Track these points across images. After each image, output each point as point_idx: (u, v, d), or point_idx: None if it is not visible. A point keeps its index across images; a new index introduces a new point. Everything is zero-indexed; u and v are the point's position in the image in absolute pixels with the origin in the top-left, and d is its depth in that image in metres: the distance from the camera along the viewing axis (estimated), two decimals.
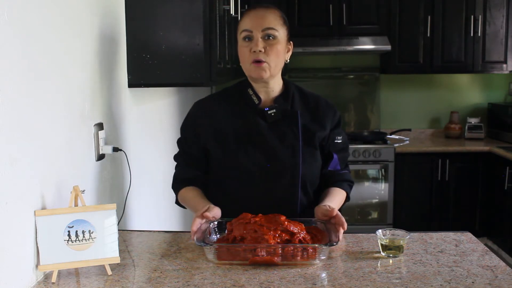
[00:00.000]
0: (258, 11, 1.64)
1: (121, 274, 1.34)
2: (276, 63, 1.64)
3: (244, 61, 1.65)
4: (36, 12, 1.36)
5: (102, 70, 1.84)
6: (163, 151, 2.76)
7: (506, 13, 4.31)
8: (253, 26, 1.61)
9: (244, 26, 1.64)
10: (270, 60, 1.62)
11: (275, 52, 1.62)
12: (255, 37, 1.61)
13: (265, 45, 1.61)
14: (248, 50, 1.62)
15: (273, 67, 1.64)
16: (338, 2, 4.29)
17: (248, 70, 1.66)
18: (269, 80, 1.67)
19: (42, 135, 1.38)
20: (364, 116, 4.79)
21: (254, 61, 1.61)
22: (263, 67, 1.62)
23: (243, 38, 1.64)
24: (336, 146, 1.75)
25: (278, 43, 1.63)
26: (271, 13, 1.64)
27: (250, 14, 1.64)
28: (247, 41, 1.63)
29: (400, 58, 4.39)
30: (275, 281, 1.27)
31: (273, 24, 1.62)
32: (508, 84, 4.73)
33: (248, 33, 1.62)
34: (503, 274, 1.31)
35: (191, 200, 1.68)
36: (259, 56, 1.61)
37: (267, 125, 1.66)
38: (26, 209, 1.29)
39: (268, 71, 1.63)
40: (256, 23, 1.61)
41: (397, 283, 1.26)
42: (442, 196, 4.28)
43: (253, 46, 1.61)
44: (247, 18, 1.64)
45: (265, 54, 1.61)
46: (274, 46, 1.62)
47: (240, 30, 1.65)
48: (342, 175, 1.76)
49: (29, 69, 1.32)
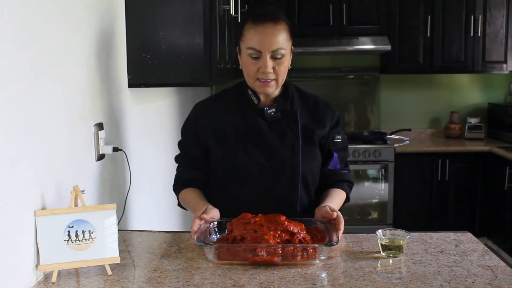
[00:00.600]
0: (266, 29, 1.55)
1: (121, 274, 1.34)
2: (283, 77, 1.63)
3: (249, 75, 1.62)
4: (36, 12, 1.36)
5: (102, 70, 1.84)
6: (163, 151, 2.76)
7: (506, 13, 4.31)
8: (262, 47, 1.56)
9: (251, 43, 1.57)
10: (278, 77, 1.61)
11: (283, 70, 1.61)
12: (263, 57, 1.57)
13: (273, 65, 1.58)
14: (255, 68, 1.59)
15: (280, 82, 1.63)
16: (338, 2, 4.29)
17: (253, 85, 1.64)
18: None
19: (42, 135, 1.38)
20: (364, 116, 4.79)
21: (262, 79, 1.60)
22: (270, 85, 1.61)
23: (249, 55, 1.58)
24: (335, 145, 1.75)
25: (286, 60, 1.60)
26: (280, 30, 1.57)
27: (258, 31, 1.56)
28: (254, 59, 1.58)
29: (400, 58, 4.39)
30: (275, 281, 1.27)
31: (281, 43, 1.57)
32: (508, 84, 4.73)
33: (257, 53, 1.57)
34: (503, 274, 1.31)
35: (191, 201, 1.68)
36: (267, 76, 1.59)
37: (267, 125, 1.67)
38: (26, 209, 1.29)
39: (274, 87, 1.63)
40: (265, 44, 1.55)
41: (397, 283, 1.26)
42: (442, 196, 4.28)
43: (261, 67, 1.57)
44: (255, 35, 1.56)
45: (273, 73, 1.59)
46: (282, 64, 1.59)
47: (247, 45, 1.58)
48: (342, 175, 1.76)
49: (29, 69, 1.32)
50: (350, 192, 1.77)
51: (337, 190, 1.72)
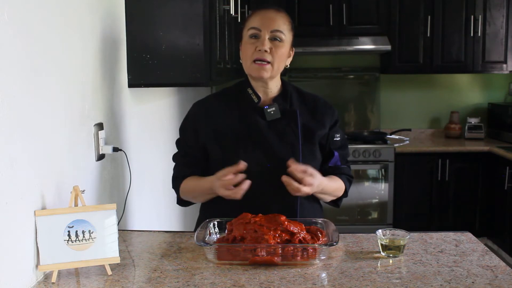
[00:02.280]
0: (269, 12, 1.66)
1: (121, 274, 1.34)
2: (279, 65, 1.65)
3: (246, 58, 1.65)
4: (36, 12, 1.36)
5: (102, 70, 1.84)
6: (163, 151, 2.75)
7: (506, 13, 4.31)
8: (262, 25, 1.63)
9: (253, 23, 1.64)
10: (273, 61, 1.63)
11: (280, 55, 1.64)
12: (262, 36, 1.62)
13: (271, 46, 1.62)
14: (253, 48, 1.63)
15: (275, 69, 1.65)
16: (338, 2, 4.29)
17: (249, 68, 1.66)
18: (269, 81, 1.68)
19: (42, 135, 1.38)
20: (364, 116, 4.79)
21: (257, 59, 1.62)
22: (265, 68, 1.63)
23: (250, 35, 1.64)
24: (335, 144, 1.76)
25: (283, 47, 1.65)
26: (281, 16, 1.66)
27: (260, 13, 1.66)
28: (254, 39, 1.64)
29: (400, 58, 4.39)
30: (275, 281, 1.27)
31: (282, 27, 1.64)
32: (508, 84, 4.73)
33: (256, 31, 1.63)
34: (503, 274, 1.31)
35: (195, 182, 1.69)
36: (263, 55, 1.62)
37: (267, 124, 1.67)
38: (26, 209, 1.29)
39: (270, 72, 1.64)
40: (266, 23, 1.63)
41: (397, 283, 1.26)
42: (442, 196, 4.28)
43: (259, 45, 1.62)
44: (257, 16, 1.65)
45: (269, 54, 1.62)
46: (279, 49, 1.63)
47: (248, 27, 1.65)
48: (342, 169, 1.78)
49: (29, 69, 1.32)
50: (349, 185, 1.80)
51: (334, 176, 1.74)
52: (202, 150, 1.71)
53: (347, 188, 1.79)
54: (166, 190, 2.52)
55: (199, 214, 1.81)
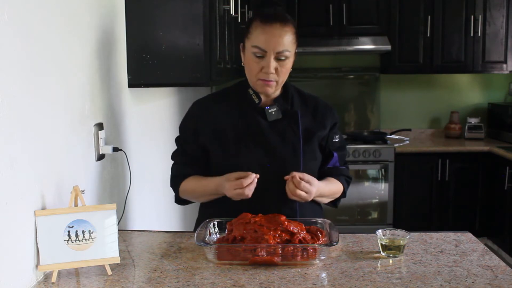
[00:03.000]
0: (274, 30, 1.57)
1: (121, 274, 1.34)
2: (284, 78, 1.64)
3: (251, 73, 1.63)
4: (36, 12, 1.36)
5: (102, 70, 1.84)
6: (163, 151, 2.75)
7: (506, 13, 4.31)
8: (267, 47, 1.57)
9: (257, 42, 1.58)
10: (279, 79, 1.62)
11: (285, 71, 1.62)
12: (267, 57, 1.58)
13: (276, 66, 1.59)
14: (258, 67, 1.60)
15: (280, 83, 1.65)
16: (338, 2, 4.29)
17: (254, 84, 1.65)
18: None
19: (42, 135, 1.38)
20: (364, 116, 4.79)
21: (263, 79, 1.61)
22: (271, 85, 1.62)
23: (254, 53, 1.59)
24: (334, 145, 1.77)
25: (289, 62, 1.62)
26: (287, 32, 1.58)
27: (265, 30, 1.57)
28: (258, 58, 1.59)
29: (400, 58, 4.39)
30: (275, 281, 1.27)
31: (287, 46, 1.58)
32: (508, 84, 4.73)
33: (261, 52, 1.58)
34: (503, 274, 1.31)
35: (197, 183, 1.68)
36: (269, 77, 1.60)
37: (268, 124, 1.67)
38: (26, 209, 1.29)
39: (274, 88, 1.64)
40: (271, 44, 1.56)
41: (397, 283, 1.26)
42: (442, 196, 4.28)
43: (264, 66, 1.59)
44: (262, 34, 1.57)
45: (275, 74, 1.60)
46: (285, 66, 1.61)
47: (252, 43, 1.59)
48: (341, 170, 1.79)
49: (29, 69, 1.32)
50: (347, 186, 1.80)
51: (332, 178, 1.75)
52: (202, 149, 1.71)
53: (345, 189, 1.79)
54: (166, 190, 2.51)
55: (199, 214, 1.81)
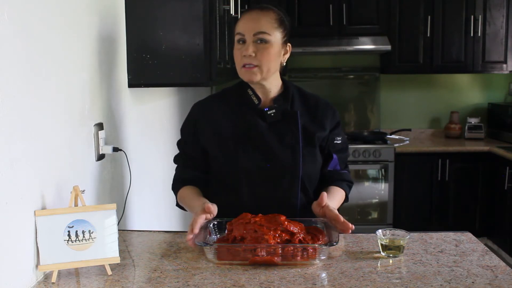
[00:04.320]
0: (252, 14, 1.62)
1: (121, 274, 1.34)
2: (268, 67, 1.62)
3: (237, 63, 1.65)
4: (36, 12, 1.36)
5: (102, 70, 1.84)
6: (163, 151, 2.76)
7: (506, 13, 4.31)
8: (245, 30, 1.61)
9: (238, 28, 1.63)
10: (261, 64, 1.61)
11: (267, 56, 1.60)
12: (247, 40, 1.61)
13: (256, 49, 1.60)
14: (240, 53, 1.62)
15: (265, 71, 1.62)
16: (338, 2, 4.29)
17: (240, 73, 1.66)
18: (263, 82, 1.66)
19: (42, 135, 1.38)
20: (364, 116, 4.79)
21: (244, 65, 1.62)
22: (253, 71, 1.62)
23: (237, 40, 1.64)
24: (335, 147, 1.75)
25: (271, 47, 1.61)
26: (265, 15, 1.61)
27: (245, 17, 1.64)
28: (240, 44, 1.62)
29: (400, 58, 4.39)
30: (275, 281, 1.27)
31: (265, 28, 1.60)
32: (508, 84, 4.73)
33: (241, 37, 1.62)
34: (503, 274, 1.31)
35: (187, 198, 1.68)
36: (249, 60, 1.60)
37: (267, 126, 1.66)
38: (26, 209, 1.29)
39: (259, 75, 1.62)
40: (248, 26, 1.61)
41: (397, 283, 1.26)
42: (442, 196, 4.28)
43: (243, 50, 1.61)
44: (242, 20, 1.64)
45: (256, 58, 1.60)
46: (266, 50, 1.60)
47: (235, 32, 1.65)
48: (342, 175, 1.76)
49: (29, 69, 1.32)
50: (349, 191, 1.79)
51: (336, 188, 1.73)
52: (202, 151, 1.71)
53: (347, 194, 1.78)
54: (166, 190, 2.52)
55: None
